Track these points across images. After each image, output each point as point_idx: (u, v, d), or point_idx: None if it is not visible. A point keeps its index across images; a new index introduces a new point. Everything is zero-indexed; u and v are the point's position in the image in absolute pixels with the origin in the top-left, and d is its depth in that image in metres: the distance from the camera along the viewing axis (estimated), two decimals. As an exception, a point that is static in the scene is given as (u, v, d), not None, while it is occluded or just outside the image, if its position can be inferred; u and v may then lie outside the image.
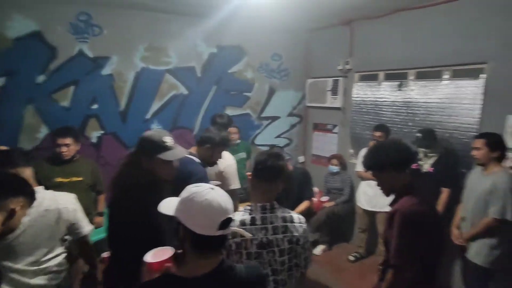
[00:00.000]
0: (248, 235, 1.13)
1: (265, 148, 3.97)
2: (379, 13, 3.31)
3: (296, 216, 1.43)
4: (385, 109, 3.48)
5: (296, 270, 1.41)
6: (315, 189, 3.85)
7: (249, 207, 1.41)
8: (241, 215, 1.40)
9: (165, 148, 1.46)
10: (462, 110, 2.83)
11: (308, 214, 3.18)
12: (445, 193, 2.68)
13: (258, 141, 4.19)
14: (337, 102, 3.93)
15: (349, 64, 3.75)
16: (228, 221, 0.90)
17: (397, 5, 3.10)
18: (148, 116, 3.44)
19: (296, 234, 1.37)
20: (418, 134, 2.82)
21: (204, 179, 1.92)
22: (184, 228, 0.89)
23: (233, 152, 3.58)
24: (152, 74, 3.39)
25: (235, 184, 2.38)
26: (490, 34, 2.61)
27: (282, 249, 1.35)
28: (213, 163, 2.13)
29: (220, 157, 2.14)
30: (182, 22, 3.44)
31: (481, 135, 2.25)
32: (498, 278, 2.34)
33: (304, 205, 2.86)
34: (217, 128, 2.28)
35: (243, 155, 3.55)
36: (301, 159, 4.55)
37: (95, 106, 3.22)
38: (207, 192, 0.90)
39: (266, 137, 4.11)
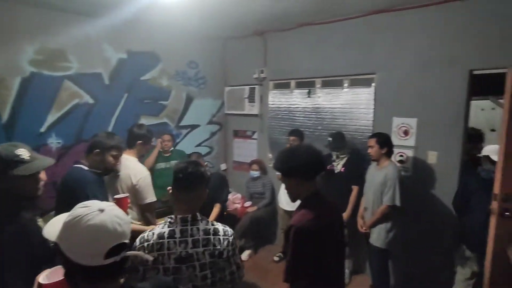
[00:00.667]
0: (149, 258, 1.02)
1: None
2: (288, 26, 3.57)
3: (221, 228, 1.37)
4: (297, 115, 3.76)
5: (221, 285, 1.35)
6: (238, 195, 3.90)
7: (169, 220, 1.32)
8: (160, 228, 1.31)
9: (19, 162, 1.27)
10: (360, 114, 3.25)
11: (221, 217, 3.19)
12: (355, 190, 2.96)
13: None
14: (254, 109, 4.07)
15: (263, 73, 3.93)
16: (120, 247, 0.79)
17: (303, 20, 3.40)
18: (43, 129, 2.95)
19: (218, 247, 1.31)
20: (330, 138, 3.10)
21: (93, 183, 1.78)
22: (67, 259, 0.76)
23: (166, 160, 3.44)
24: (46, 81, 2.93)
25: (151, 198, 2.22)
26: (377, 48, 3.07)
27: (203, 263, 1.29)
28: (108, 170, 1.92)
29: (115, 163, 1.94)
30: (83, 23, 3.09)
31: (373, 135, 2.62)
32: (394, 257, 2.74)
33: (216, 210, 2.85)
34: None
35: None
36: (223, 166, 4.55)
37: (-34, 119, 2.61)
38: (93, 215, 0.77)
39: (186, 146, 3.98)
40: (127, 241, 0.81)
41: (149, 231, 1.33)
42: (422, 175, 2.85)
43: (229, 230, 1.40)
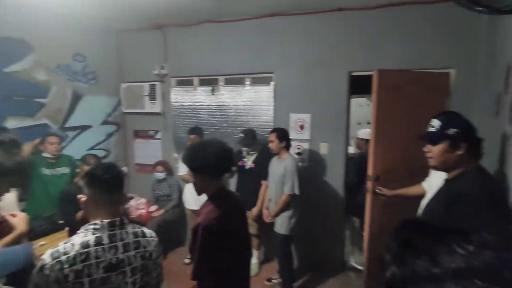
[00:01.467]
0: None
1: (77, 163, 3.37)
2: (188, 21, 3.48)
3: (147, 230, 1.31)
4: (202, 113, 3.71)
5: None
6: (142, 200, 3.62)
7: (91, 226, 1.16)
8: (81, 236, 1.14)
9: None
10: (261, 111, 3.42)
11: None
12: (264, 185, 3.04)
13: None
14: (156, 107, 3.84)
15: (164, 69, 3.73)
16: None
17: (204, 17, 3.36)
18: None
19: (149, 248, 1.27)
20: (241, 135, 3.14)
21: None
22: None
23: (52, 167, 2.94)
24: None
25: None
26: (272, 49, 3.28)
27: (135, 267, 1.21)
28: None
29: None
30: None
31: (273, 130, 2.79)
32: (297, 241, 3.00)
33: None
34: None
35: (64, 170, 2.99)
36: (124, 170, 4.14)
37: None
38: None
39: (75, 150, 3.44)
40: None
41: (64, 242, 1.12)
42: (317, 165, 3.20)
43: (153, 232, 1.34)
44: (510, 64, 2.04)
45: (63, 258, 1.08)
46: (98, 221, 1.18)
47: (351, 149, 5.58)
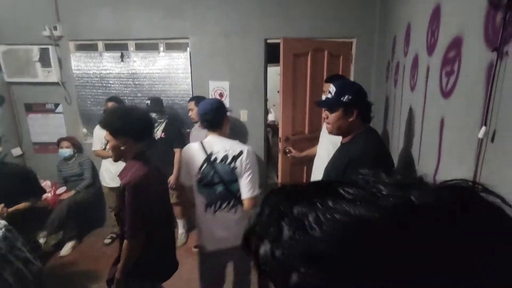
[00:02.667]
0: None
1: None
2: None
3: None
4: (112, 82, 3.35)
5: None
6: (47, 182, 3.20)
7: None
8: None
9: None
10: (178, 79, 3.27)
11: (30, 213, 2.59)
12: (177, 153, 3.01)
13: None
14: (52, 76, 3.29)
15: (58, 30, 3.18)
16: None
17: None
18: None
19: None
20: (147, 101, 2.97)
21: None
22: None
23: None
24: None
25: None
26: (187, 13, 3.09)
27: None
28: None
29: None
30: None
31: (192, 98, 2.74)
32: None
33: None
34: None
35: None
36: (16, 151, 3.53)
37: None
38: None
39: None
40: None
41: None
42: (238, 132, 3.28)
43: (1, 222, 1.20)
44: (396, 33, 2.37)
45: None
46: None
47: (271, 117, 5.88)
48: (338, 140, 1.56)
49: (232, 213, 1.71)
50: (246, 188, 1.66)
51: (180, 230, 3.26)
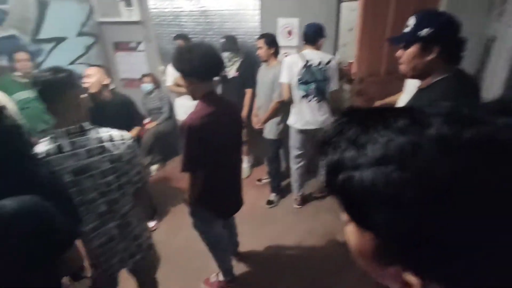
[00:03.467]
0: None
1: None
2: None
3: (117, 133, 1.34)
4: (185, 20, 3.48)
5: (129, 188, 1.40)
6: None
7: (52, 134, 1.21)
8: (44, 145, 1.19)
9: None
10: (247, 16, 3.23)
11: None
12: (248, 93, 3.09)
13: (45, 71, 3.32)
14: (134, 15, 3.55)
15: (137, -32, 3.32)
16: None
17: None
18: None
19: (116, 152, 1.31)
20: (223, 40, 3.03)
21: None
22: None
23: (26, 88, 2.55)
24: None
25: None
26: None
27: (103, 170, 1.28)
28: None
29: None
30: None
31: (261, 36, 2.70)
32: (284, 145, 3.23)
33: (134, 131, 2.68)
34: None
35: None
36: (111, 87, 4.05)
37: None
38: None
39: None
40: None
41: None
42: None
43: (126, 134, 1.38)
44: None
45: None
46: (56, 130, 1.22)
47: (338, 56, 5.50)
48: None
49: (318, 104, 2.51)
50: (332, 84, 2.48)
51: (245, 164, 3.54)
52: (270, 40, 2.65)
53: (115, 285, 1.58)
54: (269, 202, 3.06)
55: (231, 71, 3.12)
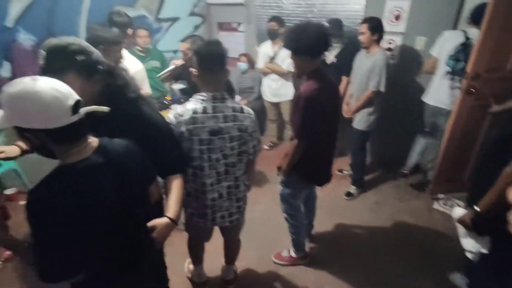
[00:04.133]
0: (104, 109, 0.93)
1: (171, 55, 3.71)
2: None
3: (245, 107, 1.51)
4: (286, 2, 3.50)
5: (245, 156, 1.57)
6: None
7: (200, 97, 1.43)
8: (193, 104, 1.42)
9: None
10: (351, -2, 3.05)
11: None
12: (344, 80, 2.97)
13: (160, 47, 3.80)
14: (239, -3, 3.73)
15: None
16: (78, 104, 0.85)
17: None
18: (10, 23, 2.66)
19: (245, 123, 1.47)
20: (326, 23, 2.95)
21: None
22: (33, 132, 0.80)
23: (143, 60, 3.00)
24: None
25: (146, 89, 2.24)
26: None
27: (232, 136, 1.46)
28: None
29: (119, 58, 1.89)
30: None
31: (364, 20, 2.54)
32: (371, 138, 3.05)
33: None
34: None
35: (155, 63, 3.20)
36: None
37: None
38: (33, 84, 0.80)
39: (168, 43, 3.76)
40: (79, 98, 0.87)
41: (182, 107, 1.45)
42: (409, 62, 2.93)
43: (250, 110, 1.54)
44: None
45: (181, 119, 1.40)
46: (204, 93, 1.42)
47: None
48: None
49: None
50: None
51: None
52: (374, 25, 2.48)
53: (209, 238, 1.84)
54: (348, 194, 2.98)
55: (330, 56, 3.04)
